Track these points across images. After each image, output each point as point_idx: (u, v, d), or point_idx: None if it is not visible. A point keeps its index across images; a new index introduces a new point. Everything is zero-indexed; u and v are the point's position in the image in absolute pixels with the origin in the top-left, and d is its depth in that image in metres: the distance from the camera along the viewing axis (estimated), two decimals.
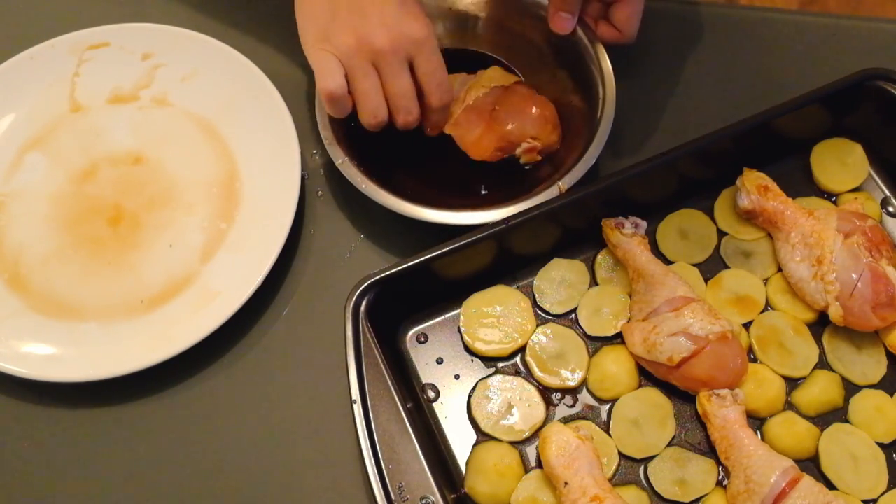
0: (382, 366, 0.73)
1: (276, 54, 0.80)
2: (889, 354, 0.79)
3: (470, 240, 0.77)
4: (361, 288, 0.75)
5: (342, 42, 0.79)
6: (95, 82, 0.93)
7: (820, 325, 0.80)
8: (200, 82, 0.92)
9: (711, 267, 0.83)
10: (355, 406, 0.72)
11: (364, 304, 0.74)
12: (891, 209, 0.85)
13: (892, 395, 0.77)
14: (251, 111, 0.90)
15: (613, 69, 0.85)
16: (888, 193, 0.86)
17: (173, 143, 0.90)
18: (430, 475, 0.70)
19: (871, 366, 0.78)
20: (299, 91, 0.89)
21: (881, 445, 0.75)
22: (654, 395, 0.77)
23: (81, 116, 0.92)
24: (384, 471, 0.70)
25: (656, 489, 0.74)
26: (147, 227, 0.86)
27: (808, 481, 0.70)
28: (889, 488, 0.74)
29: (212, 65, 0.92)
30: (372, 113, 0.81)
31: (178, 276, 0.84)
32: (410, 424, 0.71)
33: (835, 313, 0.77)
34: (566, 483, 0.70)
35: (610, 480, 0.74)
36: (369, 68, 0.79)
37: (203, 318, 0.80)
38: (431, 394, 0.79)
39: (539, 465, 0.74)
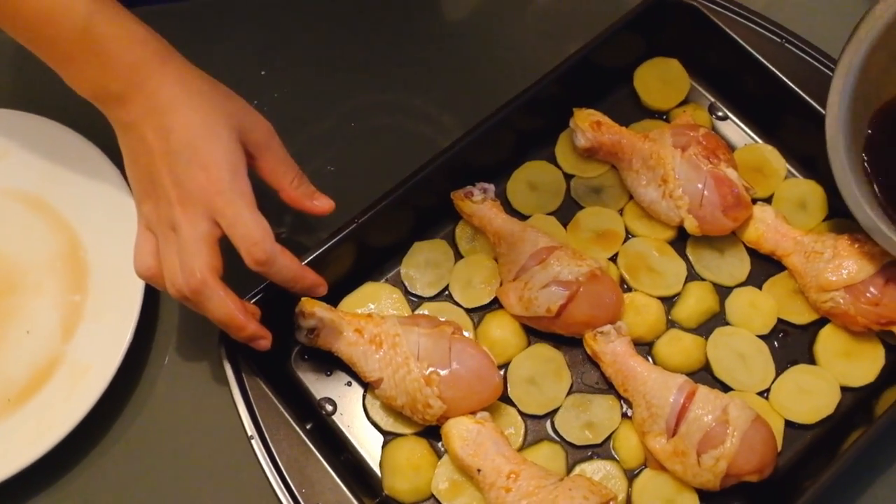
0: (271, 395, 0.72)
1: (88, 112, 0.76)
2: (749, 250, 0.81)
3: (324, 247, 0.76)
4: None
5: (143, 209, 0.70)
6: None
7: (681, 240, 0.82)
8: (16, 159, 0.88)
9: (566, 211, 0.84)
10: (253, 442, 0.71)
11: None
12: (719, 114, 0.88)
13: (760, 288, 0.80)
14: (77, 176, 0.86)
15: None
16: (712, 100, 0.89)
17: (2, 227, 0.86)
18: (345, 489, 0.69)
19: (735, 266, 0.81)
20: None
21: (762, 338, 0.78)
22: (543, 349, 0.78)
23: None
24: (298, 498, 0.69)
25: (567, 439, 0.75)
26: None
27: (704, 391, 0.72)
28: (777, 375, 0.76)
29: (25, 138, 0.88)
30: (170, 281, 0.68)
31: (43, 361, 0.80)
32: (314, 444, 0.71)
33: (690, 225, 0.79)
34: (479, 470, 0.71)
35: (521, 444, 0.75)
36: (168, 232, 0.68)
37: (80, 394, 0.77)
38: (329, 407, 0.78)
39: None
